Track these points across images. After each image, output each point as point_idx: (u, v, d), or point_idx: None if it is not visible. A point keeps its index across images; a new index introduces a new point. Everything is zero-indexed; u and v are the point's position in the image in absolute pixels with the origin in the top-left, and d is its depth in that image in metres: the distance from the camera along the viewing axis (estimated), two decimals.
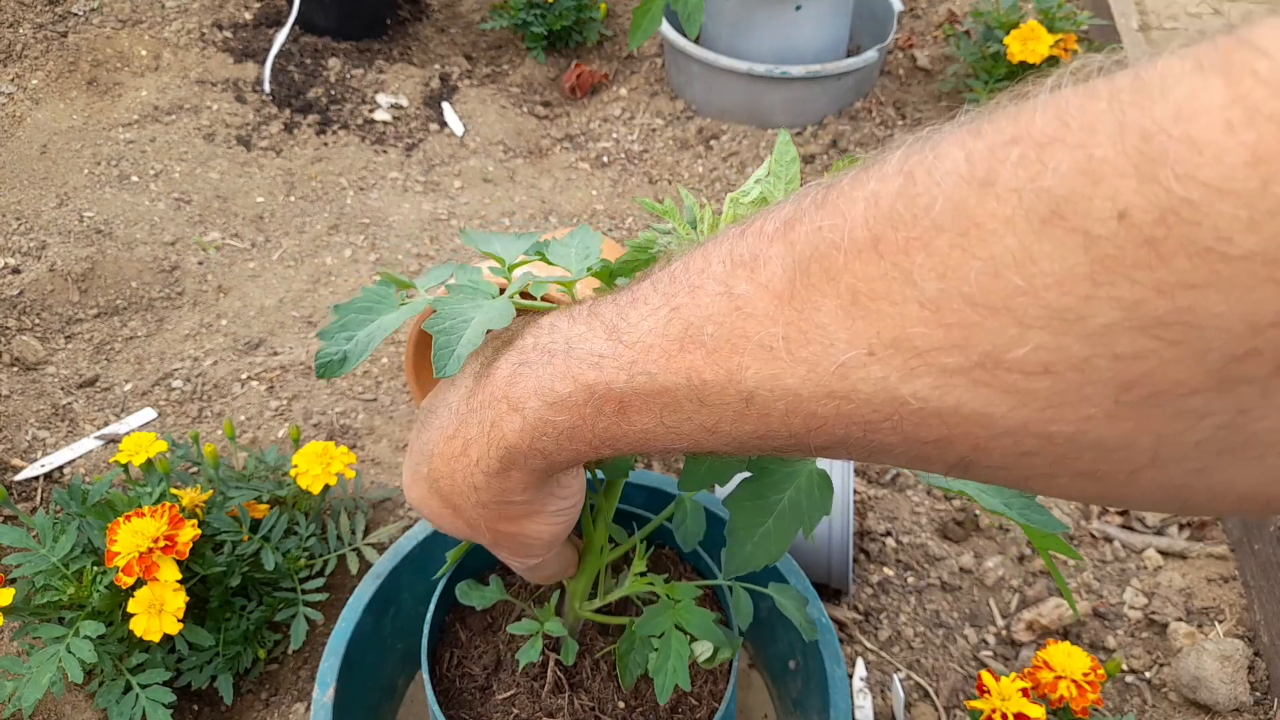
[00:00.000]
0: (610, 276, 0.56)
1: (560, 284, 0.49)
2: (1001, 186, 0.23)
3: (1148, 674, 1.00)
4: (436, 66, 2.01)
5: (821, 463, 0.99)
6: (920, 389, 0.25)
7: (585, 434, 0.36)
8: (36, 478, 1.16)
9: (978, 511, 1.14)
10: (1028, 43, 1.69)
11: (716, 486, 0.59)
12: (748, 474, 0.51)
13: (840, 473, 0.96)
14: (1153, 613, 1.05)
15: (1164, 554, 1.11)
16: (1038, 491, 0.28)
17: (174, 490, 0.90)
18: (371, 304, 0.45)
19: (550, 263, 0.50)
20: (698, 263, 0.32)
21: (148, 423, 1.25)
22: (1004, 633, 1.03)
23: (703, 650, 0.60)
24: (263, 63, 1.90)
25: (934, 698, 0.97)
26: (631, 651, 0.60)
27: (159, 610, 0.80)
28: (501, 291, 0.45)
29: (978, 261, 0.23)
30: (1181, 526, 1.14)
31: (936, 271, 0.24)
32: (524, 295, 0.46)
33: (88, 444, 1.21)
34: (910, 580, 1.08)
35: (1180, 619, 1.03)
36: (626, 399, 0.33)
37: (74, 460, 1.19)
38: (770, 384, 0.29)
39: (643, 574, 0.64)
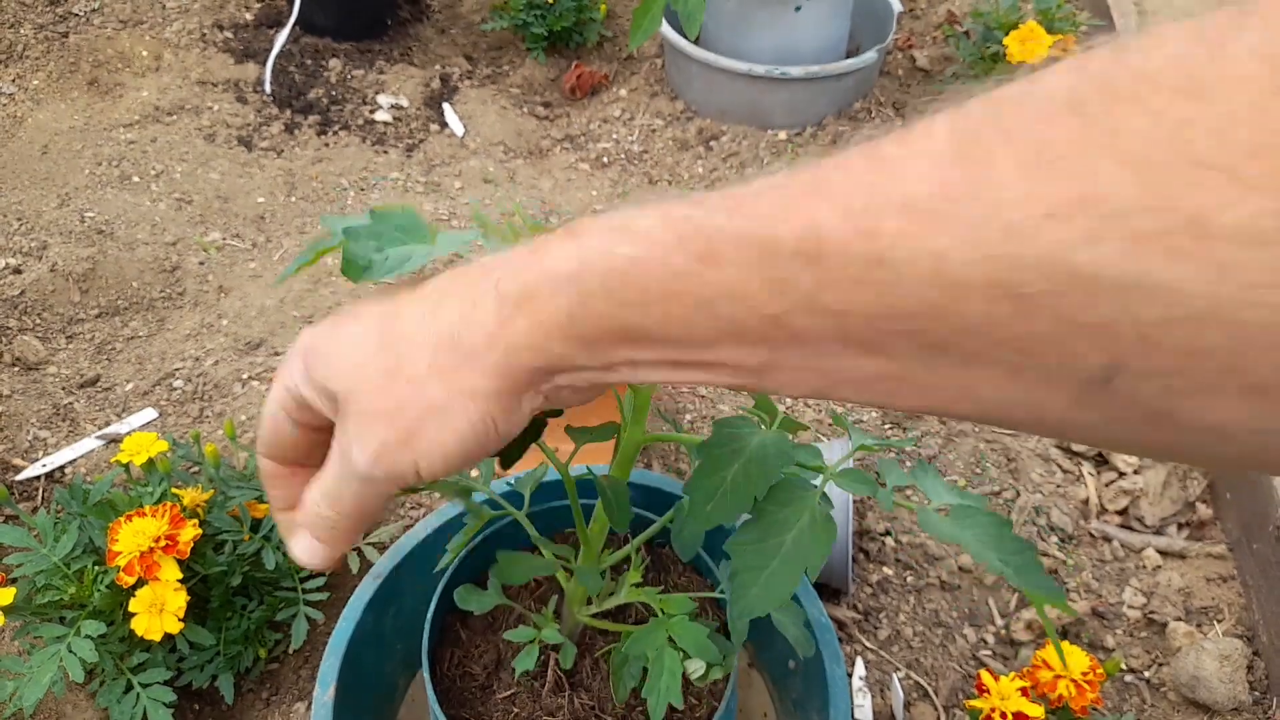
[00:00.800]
0: None
1: None
2: (1236, 47, 0.22)
3: (1147, 673, 1.00)
4: (437, 67, 2.01)
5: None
6: (1101, 255, 0.23)
7: (648, 276, 0.31)
8: (38, 477, 1.17)
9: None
10: (1027, 43, 1.69)
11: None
12: (747, 516, 0.49)
13: None
14: (1151, 612, 1.05)
15: (1163, 553, 1.11)
16: (1182, 424, 0.25)
17: (175, 490, 0.91)
18: (408, 226, 0.41)
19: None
20: (809, 162, 0.30)
21: (149, 422, 1.25)
22: (1003, 632, 1.04)
23: (695, 668, 0.59)
24: (263, 63, 1.90)
25: (933, 697, 0.98)
26: (625, 665, 0.60)
27: (160, 609, 0.80)
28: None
29: (1200, 119, 0.21)
30: (1180, 526, 1.15)
31: (1145, 128, 0.22)
32: None
33: (89, 444, 1.21)
34: (909, 579, 1.08)
35: (1179, 618, 1.04)
36: (717, 244, 0.30)
37: (75, 460, 1.19)
38: (911, 244, 0.26)
39: (639, 584, 0.64)
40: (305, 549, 0.41)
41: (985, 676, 0.79)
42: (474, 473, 0.73)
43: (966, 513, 0.48)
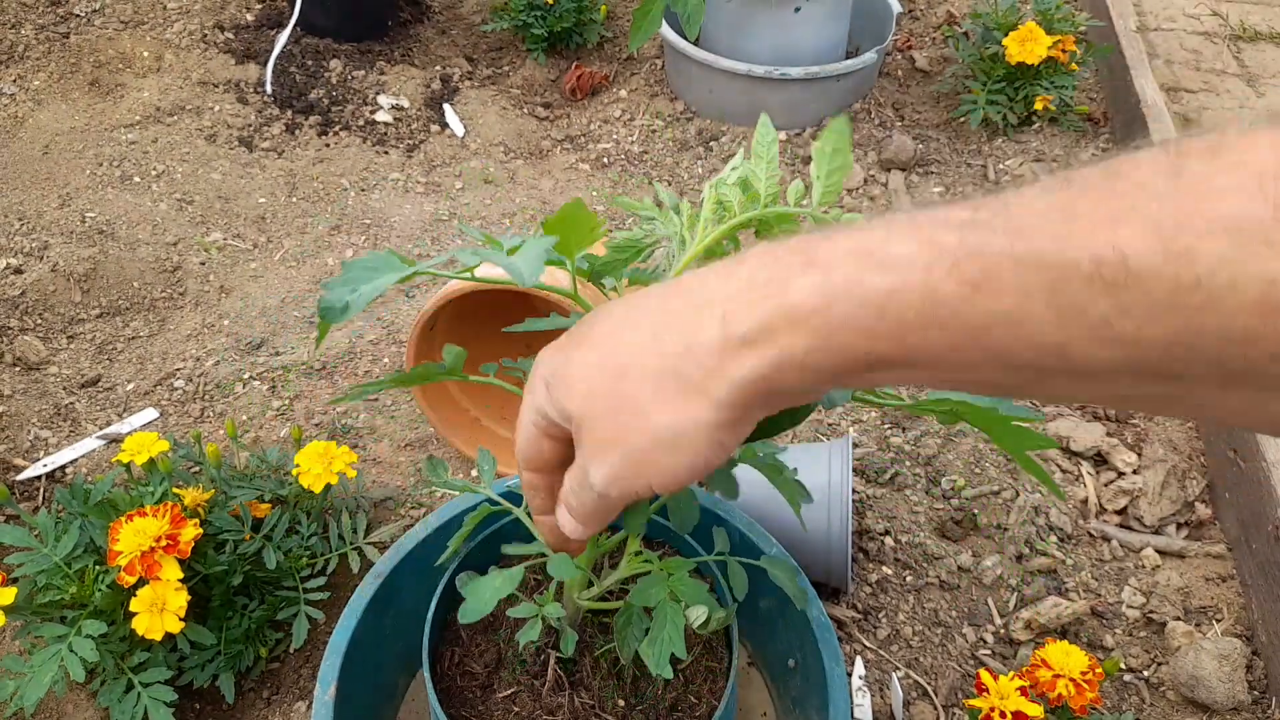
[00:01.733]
0: (594, 275, 0.56)
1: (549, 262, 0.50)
2: None
3: (1146, 673, 1.00)
4: (438, 68, 2.01)
5: (819, 460, 1.00)
6: None
7: (908, 308, 0.29)
8: (39, 477, 1.17)
9: (976, 511, 1.14)
10: (1026, 44, 1.69)
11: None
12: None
13: (839, 472, 0.97)
14: (1151, 612, 1.05)
15: (1162, 553, 1.11)
16: None
17: (176, 490, 0.91)
18: (377, 265, 0.47)
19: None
20: (1094, 169, 0.28)
21: (150, 422, 1.25)
22: (1002, 631, 1.04)
23: (697, 615, 0.60)
24: (264, 64, 1.91)
25: (932, 696, 0.98)
26: (629, 625, 0.61)
27: (161, 609, 0.80)
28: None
29: None
30: (1179, 526, 1.15)
31: None
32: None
33: (90, 444, 1.21)
34: (909, 579, 1.08)
35: (1178, 618, 1.04)
36: (998, 268, 0.28)
37: (76, 460, 1.19)
38: (1235, 268, 0.24)
39: (639, 553, 0.64)
40: (565, 527, 0.45)
41: (984, 676, 0.79)
42: (474, 473, 0.73)
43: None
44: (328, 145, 1.80)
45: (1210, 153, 0.26)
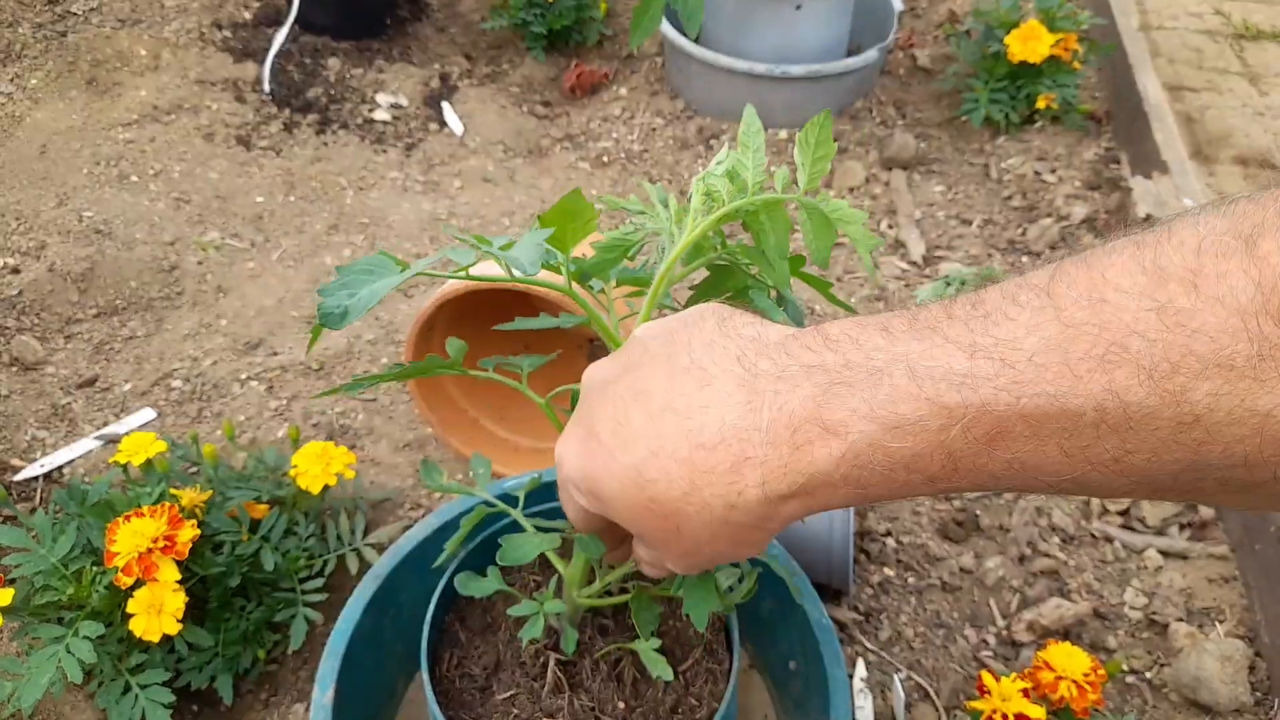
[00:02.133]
0: (582, 277, 0.56)
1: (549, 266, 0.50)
2: None
3: (1148, 674, 1.00)
4: (436, 66, 2.01)
5: None
6: None
7: (932, 464, 0.32)
8: (36, 478, 1.16)
9: (978, 512, 1.14)
10: (1028, 42, 1.69)
11: None
12: None
13: None
14: (1153, 613, 1.04)
15: (1165, 554, 1.11)
16: None
17: (173, 490, 0.90)
18: (373, 267, 0.47)
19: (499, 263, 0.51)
20: (1077, 275, 0.29)
21: (147, 423, 1.25)
22: (1004, 633, 1.03)
23: (728, 578, 0.61)
24: (262, 62, 1.90)
25: (934, 698, 0.97)
26: (643, 610, 0.61)
27: (158, 610, 0.80)
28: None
29: None
30: (1182, 527, 1.14)
31: None
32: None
33: (87, 444, 1.20)
34: (911, 580, 1.08)
35: (1181, 619, 1.03)
36: (1006, 424, 0.30)
37: (73, 460, 1.19)
38: (1229, 406, 0.26)
39: None
40: (650, 574, 0.50)
41: (986, 677, 0.79)
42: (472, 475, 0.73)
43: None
44: (326, 144, 1.79)
45: (1191, 287, 0.27)
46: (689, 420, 0.37)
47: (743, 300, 0.57)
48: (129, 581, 0.79)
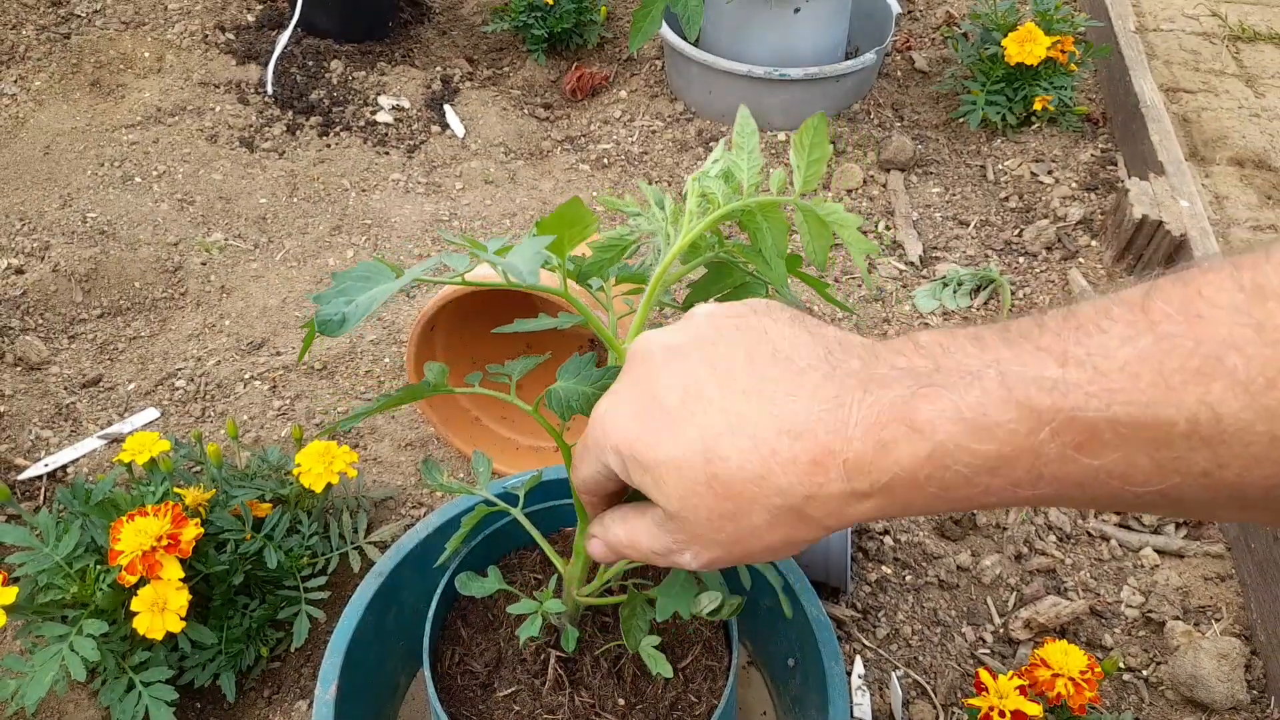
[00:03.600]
0: (581, 276, 0.56)
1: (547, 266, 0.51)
2: None
3: (1145, 672, 1.00)
4: (438, 69, 2.02)
5: None
6: None
7: (1017, 468, 0.32)
8: (40, 477, 1.17)
9: (975, 511, 1.14)
10: (1025, 44, 1.70)
11: None
12: None
13: None
14: (1150, 611, 1.05)
15: (1161, 553, 1.11)
16: None
17: (177, 489, 0.91)
18: (369, 274, 0.47)
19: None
20: (1172, 291, 0.30)
21: (151, 422, 1.26)
22: (1001, 631, 1.04)
23: (710, 601, 0.60)
24: (265, 65, 1.91)
25: (932, 695, 0.98)
26: (634, 616, 0.61)
27: (162, 608, 0.80)
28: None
29: None
30: (1178, 526, 1.15)
31: None
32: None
33: (91, 443, 1.21)
34: (908, 578, 1.08)
35: (1177, 617, 1.04)
36: (1097, 429, 0.30)
37: (77, 459, 1.19)
38: None
39: None
40: (596, 552, 0.49)
41: (984, 675, 0.79)
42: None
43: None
44: (328, 146, 1.80)
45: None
46: (774, 406, 0.37)
47: (741, 297, 0.58)
48: (133, 580, 0.80)
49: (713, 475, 0.38)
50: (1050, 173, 1.71)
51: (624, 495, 0.49)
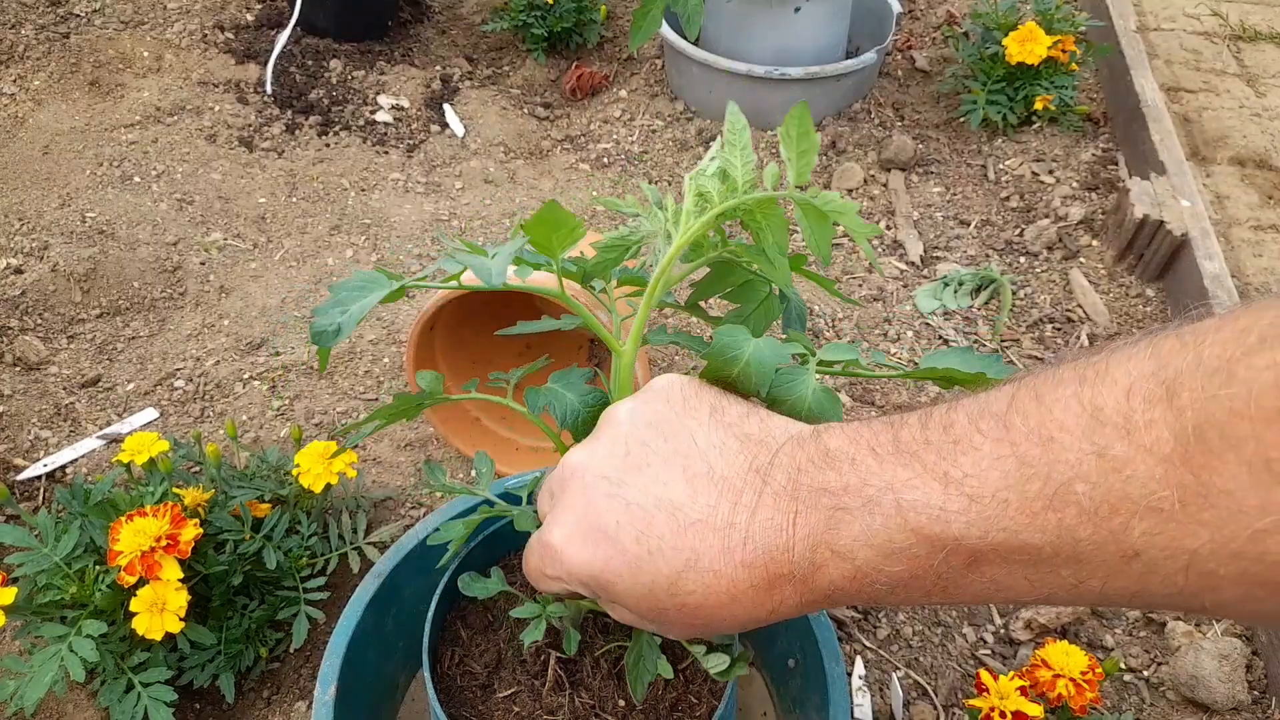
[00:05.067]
0: (584, 278, 0.56)
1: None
2: None
3: (1146, 673, 1.00)
4: (438, 68, 2.01)
5: None
6: None
7: (925, 582, 0.36)
8: (39, 477, 1.17)
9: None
10: (1026, 44, 1.70)
11: None
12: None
13: None
14: (1151, 611, 1.05)
15: None
16: None
17: (176, 490, 0.91)
18: (364, 283, 0.48)
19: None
20: (1029, 408, 0.33)
21: (150, 422, 1.25)
22: (1002, 631, 1.04)
23: (717, 663, 0.60)
24: (264, 64, 1.91)
25: (932, 696, 0.98)
26: (640, 660, 0.61)
27: (161, 609, 0.80)
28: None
29: None
30: None
31: None
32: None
33: (90, 444, 1.21)
34: None
35: (1178, 618, 1.04)
36: (980, 554, 0.34)
37: (76, 460, 1.19)
38: (1162, 544, 0.30)
39: None
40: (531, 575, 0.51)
41: (984, 675, 0.79)
42: (473, 474, 0.73)
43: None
44: (328, 145, 1.80)
45: (1124, 433, 0.30)
46: (725, 537, 0.40)
47: (744, 295, 0.58)
48: (132, 580, 0.80)
49: (680, 605, 0.42)
50: (1051, 172, 1.70)
51: None
